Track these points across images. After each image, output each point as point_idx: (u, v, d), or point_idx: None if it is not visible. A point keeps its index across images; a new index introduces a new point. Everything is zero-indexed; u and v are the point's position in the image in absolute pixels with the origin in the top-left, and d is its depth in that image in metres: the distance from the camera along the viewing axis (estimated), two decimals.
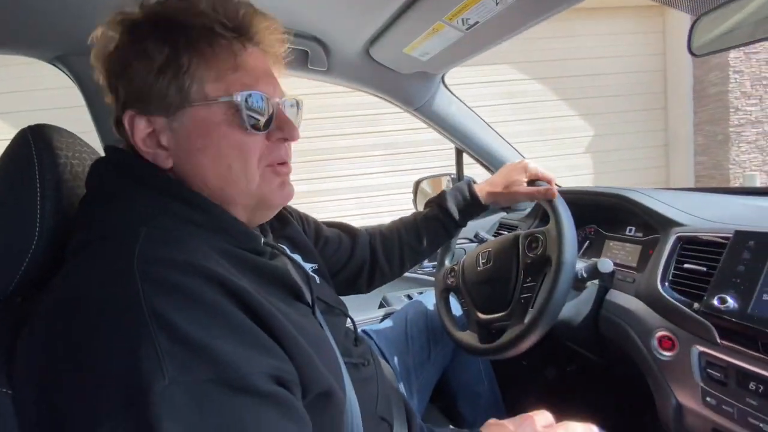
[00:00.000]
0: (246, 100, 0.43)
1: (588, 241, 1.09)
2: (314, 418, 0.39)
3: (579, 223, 1.13)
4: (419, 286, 1.33)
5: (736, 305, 0.56)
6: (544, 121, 4.67)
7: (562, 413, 0.64)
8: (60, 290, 0.37)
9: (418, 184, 1.53)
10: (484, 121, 1.25)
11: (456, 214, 0.83)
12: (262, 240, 0.49)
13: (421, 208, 1.49)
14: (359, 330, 0.94)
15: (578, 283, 0.78)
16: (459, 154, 1.31)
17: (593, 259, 0.90)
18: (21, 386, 0.34)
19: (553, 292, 0.66)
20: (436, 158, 4.33)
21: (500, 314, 0.77)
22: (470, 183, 0.85)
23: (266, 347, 0.37)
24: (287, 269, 0.51)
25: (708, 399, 0.58)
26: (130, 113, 0.42)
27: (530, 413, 0.64)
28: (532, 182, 0.80)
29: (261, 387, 0.34)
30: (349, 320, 0.68)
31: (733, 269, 0.59)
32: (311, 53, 0.92)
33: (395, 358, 0.90)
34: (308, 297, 0.52)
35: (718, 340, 0.57)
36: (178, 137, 0.43)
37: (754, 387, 0.53)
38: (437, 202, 0.86)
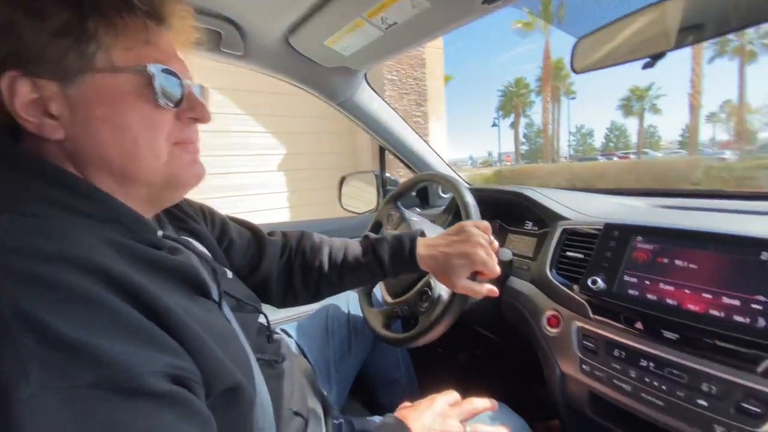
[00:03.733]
0: (160, 73, 0.41)
1: (494, 235, 1.20)
2: (223, 416, 0.37)
3: (486, 218, 1.25)
4: None
5: (604, 285, 0.67)
6: (234, 136, 4.23)
7: (471, 392, 0.70)
8: None
9: (342, 180, 1.54)
10: (405, 122, 1.30)
11: (387, 266, 0.73)
12: (160, 232, 0.45)
13: (345, 205, 1.50)
14: (279, 328, 0.92)
15: None
16: (382, 152, 1.34)
17: None
18: None
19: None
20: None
21: (423, 305, 0.81)
22: (415, 239, 0.73)
23: (161, 343, 0.34)
24: (191, 264, 0.47)
25: (584, 367, 0.68)
26: (10, 74, 0.36)
27: (438, 394, 0.69)
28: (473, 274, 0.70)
29: (155, 387, 0.31)
30: (262, 317, 0.66)
31: (602, 255, 0.70)
32: (225, 35, 0.86)
33: (315, 354, 0.90)
34: (214, 292, 0.49)
35: (591, 316, 0.67)
36: (75, 105, 0.39)
37: (617, 353, 0.64)
38: (372, 246, 0.75)
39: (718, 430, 0.52)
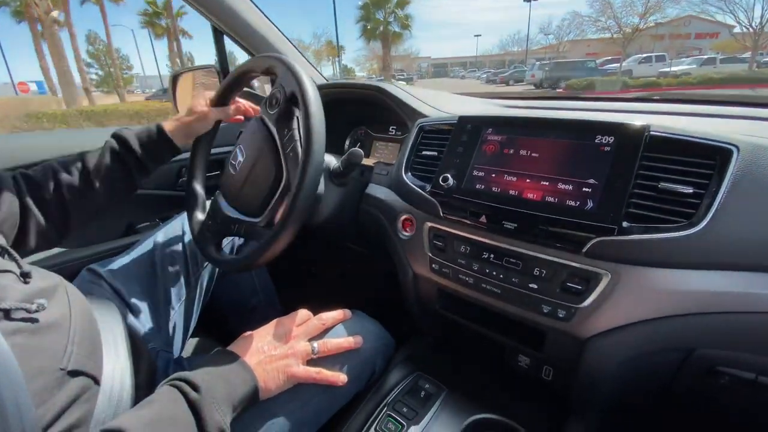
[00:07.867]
0: None
1: (359, 142, 1.10)
2: None
3: (350, 124, 1.13)
4: (174, 208, 1.08)
5: (454, 182, 0.62)
6: None
7: (339, 307, 0.65)
8: None
9: (176, 78, 1.21)
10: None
11: (138, 149, 0.69)
12: None
13: (181, 105, 1.20)
14: (86, 269, 0.71)
15: (339, 179, 0.76)
16: (218, 36, 1.06)
17: None
18: None
19: (309, 120, 0.57)
20: None
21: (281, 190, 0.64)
22: (160, 123, 0.72)
23: None
24: None
25: (433, 266, 0.66)
26: None
27: (285, 316, 0.62)
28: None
29: None
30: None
31: (454, 151, 0.65)
32: None
33: (138, 294, 0.72)
34: None
35: (441, 214, 0.64)
36: None
37: (463, 249, 0.62)
38: (117, 136, 0.70)
39: (545, 309, 0.54)
